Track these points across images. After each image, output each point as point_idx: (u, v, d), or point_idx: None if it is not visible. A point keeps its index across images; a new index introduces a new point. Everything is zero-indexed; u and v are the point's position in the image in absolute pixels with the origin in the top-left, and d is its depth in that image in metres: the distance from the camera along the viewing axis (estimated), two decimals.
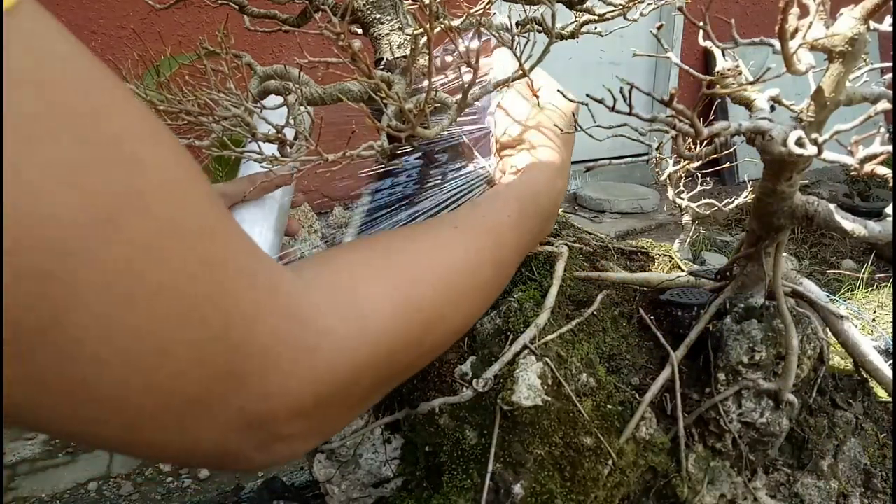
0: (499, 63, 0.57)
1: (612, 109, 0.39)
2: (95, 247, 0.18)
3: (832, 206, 0.47)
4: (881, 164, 0.34)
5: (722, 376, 0.52)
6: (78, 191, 0.17)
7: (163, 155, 0.21)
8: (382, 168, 0.58)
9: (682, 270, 0.64)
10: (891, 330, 1.94)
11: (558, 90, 0.55)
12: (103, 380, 0.20)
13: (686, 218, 0.87)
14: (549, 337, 0.51)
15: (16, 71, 0.16)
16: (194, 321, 0.21)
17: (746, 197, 0.79)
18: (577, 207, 3.26)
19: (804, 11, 0.39)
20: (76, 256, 0.18)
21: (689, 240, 0.88)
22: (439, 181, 0.56)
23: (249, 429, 0.25)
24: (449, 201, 0.55)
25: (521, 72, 0.47)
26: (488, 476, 0.46)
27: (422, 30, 0.44)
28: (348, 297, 0.29)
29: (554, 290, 0.56)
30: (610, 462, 0.47)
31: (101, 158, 0.18)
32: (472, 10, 0.56)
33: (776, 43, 0.38)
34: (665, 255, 0.69)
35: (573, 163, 0.63)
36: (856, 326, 0.57)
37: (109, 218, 0.18)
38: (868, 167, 0.34)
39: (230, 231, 0.24)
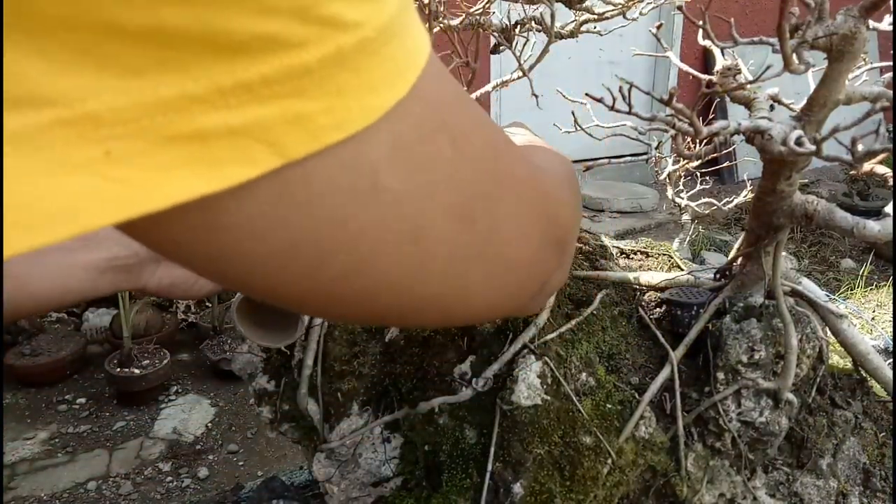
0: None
1: (612, 108, 0.39)
2: (497, 191, 0.25)
3: (831, 206, 0.47)
4: (880, 162, 0.34)
5: (721, 375, 0.52)
6: (481, 175, 0.24)
7: (476, 121, 0.26)
8: None
9: (682, 270, 0.64)
10: (890, 329, 1.95)
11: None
12: (512, 251, 0.27)
13: (685, 217, 0.87)
14: (549, 336, 0.51)
15: (417, 131, 0.20)
16: (536, 206, 0.29)
17: (746, 196, 0.79)
18: None
19: (803, 11, 0.39)
20: (492, 203, 0.24)
21: (688, 239, 0.89)
22: None
23: (556, 253, 0.33)
24: None
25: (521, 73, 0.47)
26: (488, 475, 0.46)
27: None
28: (545, 161, 0.39)
29: None
30: (609, 461, 0.47)
31: (480, 162, 0.24)
32: (471, 10, 0.56)
33: (775, 42, 0.38)
34: (664, 255, 0.69)
35: (573, 161, 0.63)
36: (855, 326, 0.57)
37: (497, 179, 0.25)
38: (867, 166, 0.34)
39: (517, 147, 0.31)
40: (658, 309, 0.59)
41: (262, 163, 0.15)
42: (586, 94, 0.43)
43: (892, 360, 0.69)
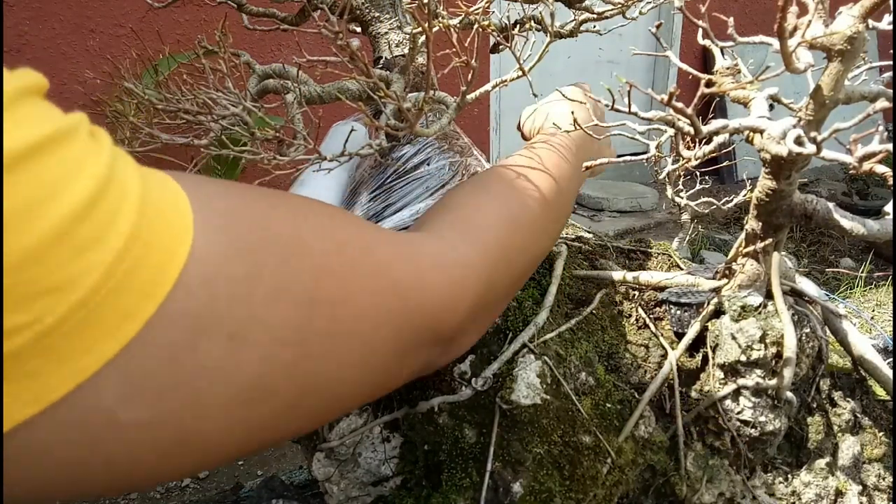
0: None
1: (611, 108, 0.39)
2: (311, 321, 0.25)
3: (831, 205, 0.47)
4: (880, 162, 0.34)
5: (720, 375, 0.52)
6: (288, 299, 0.24)
7: (316, 224, 0.28)
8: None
9: (681, 269, 0.64)
10: (889, 328, 1.95)
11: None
12: (345, 385, 0.28)
13: (685, 216, 0.87)
14: (549, 335, 0.51)
15: (220, 255, 0.23)
16: (388, 315, 0.29)
17: (745, 195, 0.79)
18: (575, 206, 3.26)
19: (803, 10, 0.39)
20: (307, 335, 0.25)
21: (687, 238, 0.88)
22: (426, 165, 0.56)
23: (434, 347, 0.34)
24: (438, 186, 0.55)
25: (521, 72, 0.47)
26: (487, 475, 0.46)
27: (420, 28, 0.44)
28: (468, 229, 0.39)
29: (553, 289, 0.56)
30: (609, 460, 0.47)
31: (293, 269, 0.25)
32: (470, 9, 0.56)
33: (775, 41, 0.38)
34: (664, 254, 0.69)
35: None
36: (854, 325, 0.58)
37: (311, 300, 0.25)
38: (867, 165, 0.34)
39: (378, 237, 0.31)
40: (657, 308, 0.59)
41: (14, 416, 0.18)
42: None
43: (891, 359, 0.69)
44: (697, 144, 0.55)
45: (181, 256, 0.20)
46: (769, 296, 0.53)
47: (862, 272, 2.44)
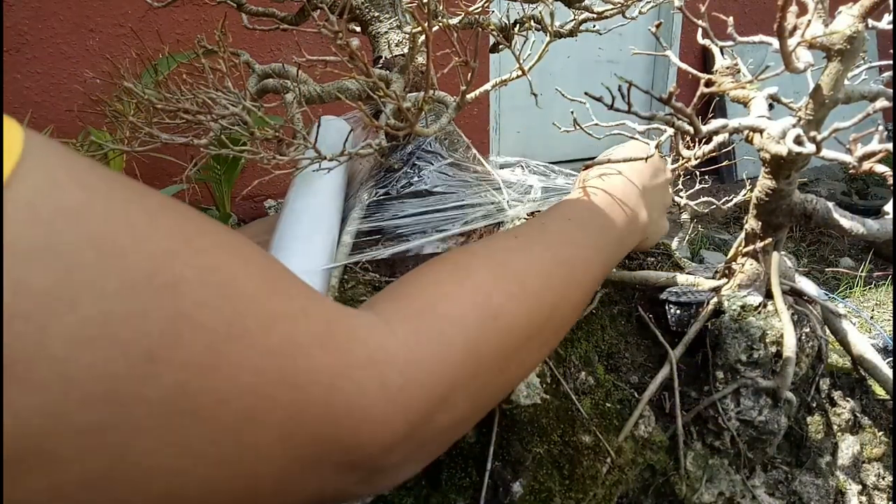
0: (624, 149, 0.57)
1: (611, 108, 0.39)
2: (144, 385, 0.18)
3: (830, 204, 0.47)
4: (879, 161, 0.34)
5: (720, 374, 0.52)
6: (110, 342, 0.18)
7: (203, 262, 0.21)
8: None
9: (681, 268, 0.64)
10: (889, 328, 1.95)
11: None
12: (189, 489, 0.20)
13: (685, 216, 0.87)
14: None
15: (24, 248, 0.16)
16: (270, 409, 0.21)
17: (745, 195, 0.79)
18: None
19: (803, 10, 0.39)
20: (127, 401, 0.18)
21: (687, 238, 0.88)
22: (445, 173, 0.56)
23: (350, 473, 0.25)
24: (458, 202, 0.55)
25: (521, 72, 0.47)
26: (487, 474, 0.46)
27: (420, 28, 0.44)
28: (427, 320, 0.30)
29: None
30: (608, 460, 0.47)
31: (133, 301, 0.18)
32: (470, 9, 0.56)
33: (774, 41, 0.38)
34: (663, 254, 0.69)
35: (572, 161, 0.63)
36: (854, 324, 0.58)
37: (150, 356, 0.18)
38: (866, 165, 0.34)
39: (292, 303, 0.24)
40: (657, 308, 0.59)
41: None
42: (585, 93, 0.43)
43: (891, 358, 0.69)
44: (697, 144, 0.56)
45: None
46: (769, 295, 0.53)
47: (861, 272, 2.45)
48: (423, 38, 0.47)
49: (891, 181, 0.34)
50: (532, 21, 0.64)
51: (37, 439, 0.17)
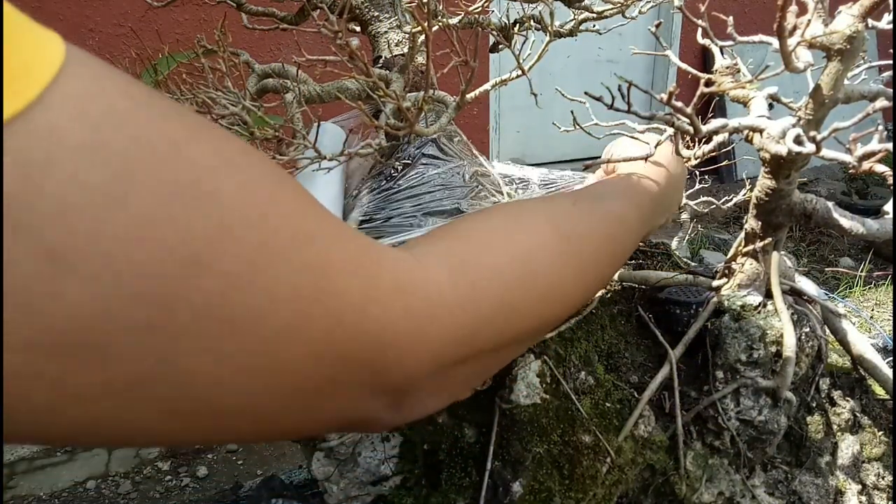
0: (621, 147, 0.56)
1: (611, 107, 0.39)
2: (189, 289, 0.19)
3: (830, 204, 0.47)
4: (879, 161, 0.34)
5: (720, 374, 0.52)
6: (159, 243, 0.18)
7: (242, 179, 0.21)
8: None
9: (681, 268, 0.64)
10: (889, 328, 1.95)
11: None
12: (225, 397, 0.21)
13: (684, 216, 0.87)
14: (548, 335, 0.51)
15: (74, 143, 0.17)
16: (305, 326, 0.22)
17: (745, 195, 0.79)
18: None
19: (802, 9, 0.39)
20: (172, 302, 0.19)
21: (687, 237, 0.88)
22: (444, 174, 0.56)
23: (377, 398, 0.27)
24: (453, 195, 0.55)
25: (521, 71, 0.47)
26: (487, 474, 0.46)
27: (420, 27, 0.44)
28: (465, 266, 0.30)
29: None
30: (608, 460, 0.47)
31: (179, 205, 0.19)
32: (470, 9, 0.56)
33: (774, 41, 0.38)
34: (663, 253, 0.69)
35: (572, 161, 0.63)
36: (853, 324, 0.58)
37: (195, 260, 0.19)
38: (866, 165, 0.34)
39: (324, 226, 0.24)
40: (657, 308, 0.59)
41: None
42: (585, 93, 0.43)
43: (890, 358, 0.69)
44: (697, 144, 0.56)
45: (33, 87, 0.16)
46: (769, 295, 0.53)
47: (861, 271, 2.44)
48: (422, 37, 0.47)
49: (891, 181, 0.34)
50: (532, 21, 0.64)
51: (90, 333, 0.17)
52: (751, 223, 0.52)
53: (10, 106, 0.16)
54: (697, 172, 0.83)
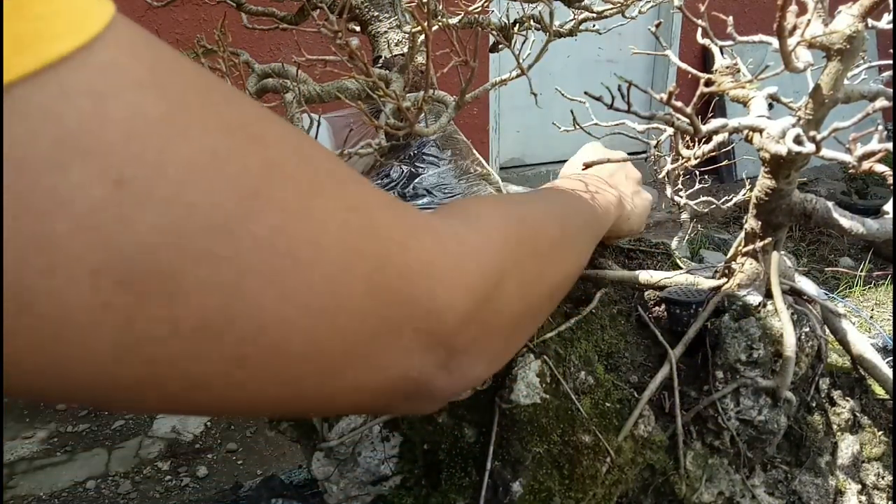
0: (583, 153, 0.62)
1: (611, 107, 0.39)
2: (251, 221, 0.19)
3: (830, 204, 0.47)
4: (879, 161, 0.34)
5: (720, 374, 0.52)
6: (222, 175, 0.19)
7: (280, 128, 0.23)
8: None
9: (681, 268, 0.64)
10: (888, 327, 1.95)
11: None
12: (291, 340, 0.21)
13: (684, 216, 0.87)
14: (548, 335, 0.51)
15: (132, 79, 0.18)
16: (358, 262, 0.23)
17: (745, 195, 0.79)
18: None
19: (802, 9, 0.39)
20: (236, 233, 0.19)
21: (687, 237, 0.88)
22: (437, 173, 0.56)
23: (428, 349, 0.28)
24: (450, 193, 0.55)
25: (523, 74, 0.47)
26: (487, 474, 0.46)
27: (420, 27, 0.44)
28: (468, 220, 0.34)
29: None
30: (608, 460, 0.47)
31: (234, 142, 0.20)
32: (470, 8, 0.56)
33: (774, 41, 0.38)
34: (663, 253, 0.69)
35: (568, 160, 0.64)
36: (853, 324, 0.58)
37: (255, 192, 0.20)
38: (866, 164, 0.34)
39: (353, 173, 0.26)
40: (657, 307, 0.59)
41: None
42: (585, 93, 0.43)
43: (890, 358, 0.69)
44: (697, 143, 0.56)
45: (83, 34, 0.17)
46: (768, 295, 0.53)
47: (861, 271, 2.45)
48: (422, 37, 0.47)
49: (891, 181, 0.34)
50: (532, 21, 0.64)
51: (158, 262, 0.17)
52: (751, 223, 0.52)
53: (76, 39, 0.16)
54: (697, 172, 0.83)
